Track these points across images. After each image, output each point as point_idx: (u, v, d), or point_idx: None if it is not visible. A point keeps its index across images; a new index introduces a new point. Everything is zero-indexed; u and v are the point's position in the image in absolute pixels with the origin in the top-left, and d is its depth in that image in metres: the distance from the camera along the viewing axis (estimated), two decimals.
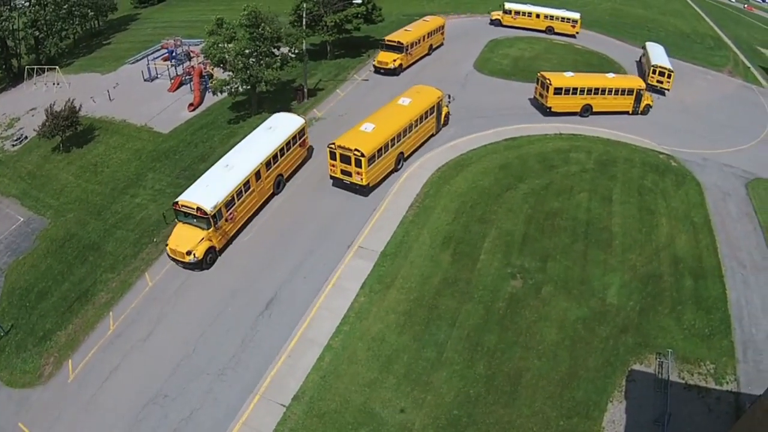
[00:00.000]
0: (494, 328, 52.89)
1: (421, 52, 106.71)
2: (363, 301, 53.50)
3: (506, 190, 70.21)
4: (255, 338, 50.50)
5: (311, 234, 62.06)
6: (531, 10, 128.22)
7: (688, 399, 50.90)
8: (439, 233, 62.01)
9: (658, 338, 55.81)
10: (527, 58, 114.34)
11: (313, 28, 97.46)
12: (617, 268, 62.99)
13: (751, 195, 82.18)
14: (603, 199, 73.27)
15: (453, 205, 66.42)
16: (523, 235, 63.60)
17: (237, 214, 58.35)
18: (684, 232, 70.22)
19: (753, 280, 65.33)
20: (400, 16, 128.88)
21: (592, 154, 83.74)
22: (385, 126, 68.16)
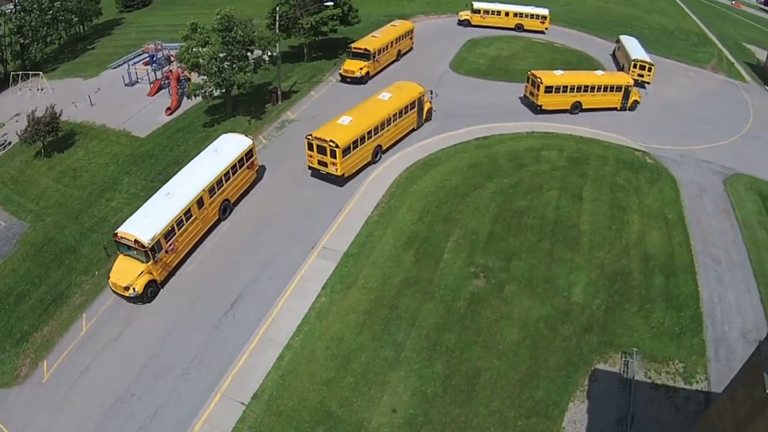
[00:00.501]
0: (454, 327, 52.13)
1: (389, 59, 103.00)
2: (324, 301, 53.09)
3: (474, 189, 69.28)
4: (219, 338, 50.21)
5: (278, 236, 61.19)
6: (500, 8, 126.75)
7: (654, 399, 49.42)
8: (402, 233, 61.40)
9: (624, 337, 54.31)
10: (504, 57, 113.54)
11: (289, 31, 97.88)
12: (584, 266, 61.58)
13: (729, 191, 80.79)
14: (573, 197, 71.92)
15: (419, 205, 65.75)
16: (489, 234, 62.65)
17: (178, 245, 55.76)
18: (656, 229, 68.71)
19: (728, 277, 63.88)
20: (380, 17, 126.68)
21: (564, 152, 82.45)
22: (362, 119, 69.66)
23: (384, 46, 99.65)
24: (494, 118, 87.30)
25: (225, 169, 61.55)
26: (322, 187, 68.55)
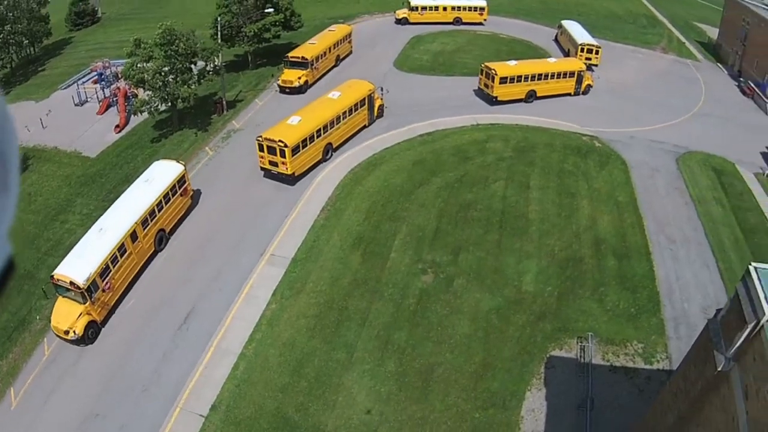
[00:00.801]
0: (404, 325, 53.54)
1: (328, 65, 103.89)
2: (274, 308, 54.51)
3: (419, 186, 71.26)
4: (175, 352, 51.32)
5: (226, 246, 62.65)
6: (437, 3, 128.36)
7: (614, 381, 51.55)
8: (349, 235, 63.16)
9: (579, 322, 56.58)
10: (448, 52, 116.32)
11: (232, 40, 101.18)
12: (534, 254, 63.86)
13: (681, 169, 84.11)
14: (520, 187, 74.35)
15: (364, 206, 67.57)
16: (435, 230, 64.51)
17: (115, 282, 55.38)
18: (607, 212, 71.39)
19: (683, 255, 66.64)
20: (324, 20, 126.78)
21: (510, 142, 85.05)
22: (311, 118, 73.00)
23: (322, 52, 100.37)
24: (438, 113, 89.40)
25: (157, 198, 61.37)
26: (267, 194, 70.14)
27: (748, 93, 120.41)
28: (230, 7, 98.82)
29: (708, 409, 28.39)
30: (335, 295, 56.15)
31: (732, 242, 69.75)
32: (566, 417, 48.78)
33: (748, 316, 25.04)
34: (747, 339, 25.19)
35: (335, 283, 57.44)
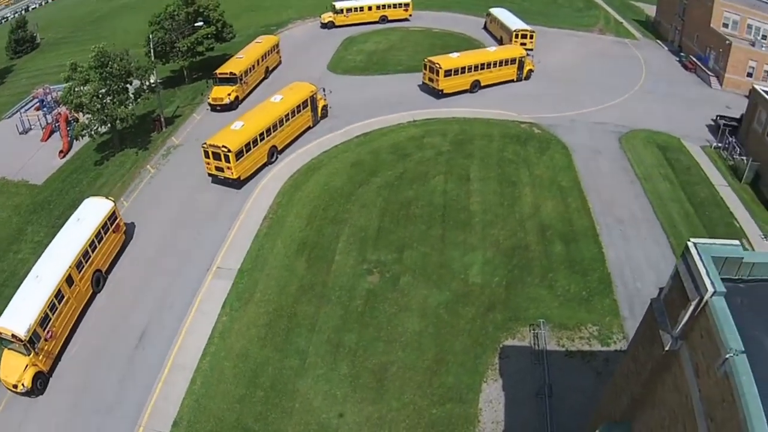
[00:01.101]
0: (354, 326, 55.16)
1: (257, 78, 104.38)
2: (225, 320, 55.94)
3: (359, 187, 73.12)
4: (133, 372, 52.12)
5: (172, 263, 63.94)
6: (362, 3, 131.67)
7: (571, 366, 52.63)
8: (293, 241, 64.82)
9: (530, 310, 57.58)
10: (382, 51, 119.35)
11: (167, 56, 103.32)
12: (478, 246, 64.93)
13: (625, 148, 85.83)
14: (460, 179, 75.47)
15: (305, 211, 69.34)
16: (378, 229, 66.34)
17: (56, 330, 54.32)
18: (550, 198, 72.66)
19: (633, 234, 68.07)
20: (258, 29, 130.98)
21: (448, 135, 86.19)
22: (253, 123, 76.97)
23: (250, 66, 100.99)
24: (375, 112, 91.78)
25: (89, 239, 60.81)
26: (210, 208, 71.66)
27: (690, 67, 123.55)
28: (162, 24, 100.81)
29: (661, 390, 28.84)
30: (283, 302, 57.52)
31: (682, 217, 71.23)
32: (525, 406, 49.50)
33: (690, 293, 25.31)
34: (692, 316, 25.51)
35: (282, 290, 58.80)
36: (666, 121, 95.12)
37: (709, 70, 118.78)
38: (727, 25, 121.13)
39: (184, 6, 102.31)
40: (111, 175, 79.96)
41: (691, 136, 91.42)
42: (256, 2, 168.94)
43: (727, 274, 26.22)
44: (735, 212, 73.49)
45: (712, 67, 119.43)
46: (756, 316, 25.62)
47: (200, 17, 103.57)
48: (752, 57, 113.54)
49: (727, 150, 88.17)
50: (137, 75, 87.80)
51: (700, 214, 72.12)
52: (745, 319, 24.67)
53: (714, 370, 23.34)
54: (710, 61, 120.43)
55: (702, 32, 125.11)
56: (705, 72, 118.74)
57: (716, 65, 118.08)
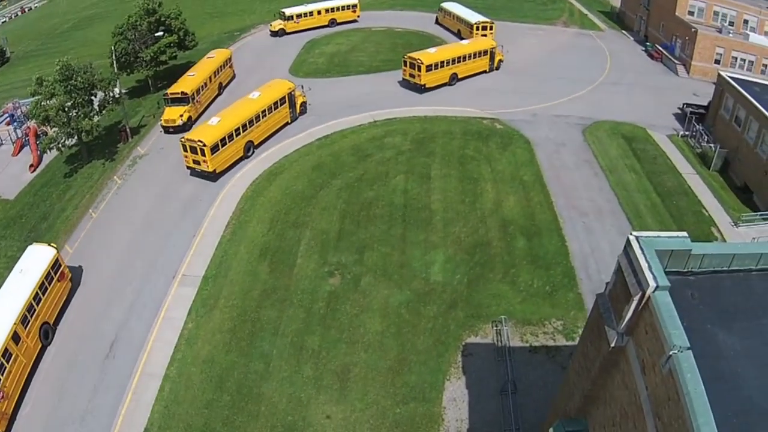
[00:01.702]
0: (316, 329, 55.54)
1: (210, 95, 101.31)
2: (191, 327, 56.41)
3: (320, 190, 73.39)
4: (105, 381, 52.38)
5: (140, 271, 64.06)
6: (311, 8, 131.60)
7: (535, 362, 52.66)
8: (255, 246, 65.24)
9: (492, 306, 57.60)
10: (343, 53, 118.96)
11: (131, 66, 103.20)
12: (439, 244, 64.94)
13: (588, 140, 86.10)
14: (421, 178, 75.53)
15: (267, 216, 69.65)
16: (339, 232, 66.62)
17: (7, 390, 51.89)
18: (512, 193, 72.74)
19: (597, 226, 68.24)
20: (221, 35, 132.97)
21: (409, 135, 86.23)
22: (229, 118, 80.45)
23: (202, 83, 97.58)
24: (336, 114, 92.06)
25: (33, 291, 58.14)
26: (174, 216, 71.85)
27: (656, 57, 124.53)
28: (125, 34, 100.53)
29: (611, 387, 28.90)
30: (247, 307, 58.10)
31: (649, 208, 71.49)
32: (489, 403, 49.57)
33: (632, 289, 25.13)
34: (635, 312, 25.39)
35: (246, 295, 59.37)
36: (632, 111, 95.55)
37: (675, 59, 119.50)
38: (693, 12, 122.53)
39: (146, 16, 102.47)
40: (80, 187, 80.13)
41: (658, 125, 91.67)
42: (220, 9, 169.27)
43: (675, 267, 26.26)
44: (703, 200, 73.77)
45: (678, 55, 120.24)
46: (708, 310, 25.58)
47: (162, 26, 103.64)
48: (719, 44, 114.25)
49: (694, 138, 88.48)
50: (101, 87, 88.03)
51: (667, 204, 72.29)
52: (697, 313, 24.87)
53: (659, 367, 23.26)
54: (676, 49, 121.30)
55: (667, 21, 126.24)
56: (671, 61, 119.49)
57: (683, 53, 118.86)
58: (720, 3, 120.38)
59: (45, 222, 73.46)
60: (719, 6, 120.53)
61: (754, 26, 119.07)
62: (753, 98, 78.04)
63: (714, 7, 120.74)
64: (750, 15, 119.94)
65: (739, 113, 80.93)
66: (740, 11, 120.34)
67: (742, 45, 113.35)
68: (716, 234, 67.08)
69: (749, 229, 68.04)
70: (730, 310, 25.83)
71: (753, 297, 26.61)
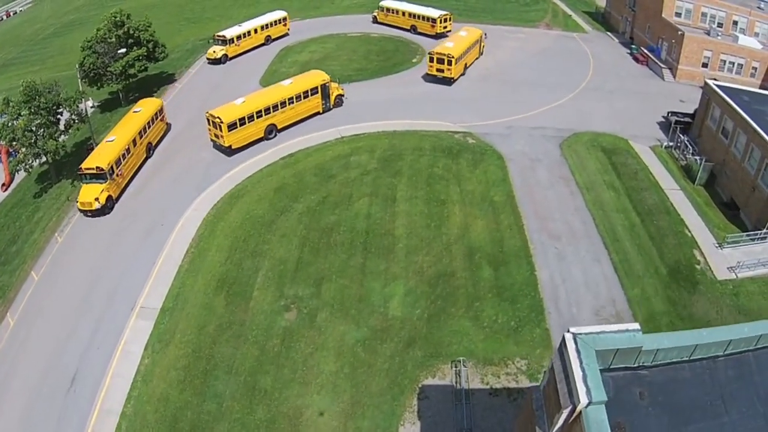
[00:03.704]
0: (270, 368, 54.00)
1: (136, 161, 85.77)
2: (147, 362, 55.36)
3: (281, 214, 71.82)
4: (67, 415, 51.70)
5: (100, 301, 62.91)
6: (247, 28, 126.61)
7: (495, 406, 50.30)
8: (213, 277, 63.79)
9: (453, 345, 55.24)
10: (316, 61, 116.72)
11: (100, 80, 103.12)
12: (400, 275, 62.61)
13: (566, 155, 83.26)
14: (385, 201, 73.25)
15: (226, 243, 68.17)
16: (297, 261, 64.96)
17: None
18: (481, 216, 70.18)
19: (571, 252, 65.53)
20: (196, 42, 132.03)
21: (376, 152, 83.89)
22: (254, 101, 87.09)
23: (124, 151, 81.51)
24: (302, 129, 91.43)
25: None
26: (136, 241, 70.74)
27: (642, 60, 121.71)
28: (94, 48, 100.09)
29: None
30: (202, 343, 56.75)
31: (627, 229, 68.86)
32: None
33: (563, 399, 22.95)
34: (566, 424, 23.25)
35: (201, 330, 57.99)
36: (614, 120, 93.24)
37: (661, 62, 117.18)
38: (680, 14, 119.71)
39: (114, 29, 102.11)
40: (47, 209, 79.80)
41: (640, 135, 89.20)
42: (198, 14, 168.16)
43: (623, 363, 23.97)
44: (686, 219, 71.34)
45: (664, 58, 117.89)
46: (659, 412, 23.28)
47: (131, 38, 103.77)
48: (707, 47, 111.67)
49: (679, 149, 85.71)
50: (67, 106, 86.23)
51: (647, 224, 69.73)
52: (644, 416, 22.73)
53: None
54: (662, 52, 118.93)
55: (654, 23, 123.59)
56: (657, 64, 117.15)
57: (669, 57, 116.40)
58: (708, 3, 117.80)
59: (14, 245, 72.77)
60: (707, 7, 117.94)
61: (743, 28, 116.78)
62: (741, 109, 75.53)
63: (702, 8, 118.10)
64: (739, 16, 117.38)
65: (726, 125, 78.44)
66: (729, 12, 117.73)
67: (731, 48, 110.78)
68: (698, 257, 64.93)
69: (734, 251, 65.98)
70: (686, 410, 23.46)
71: (715, 389, 24.27)
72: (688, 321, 56.64)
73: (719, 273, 63.12)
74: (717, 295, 60.26)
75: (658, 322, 56.59)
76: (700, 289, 60.83)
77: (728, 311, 58.22)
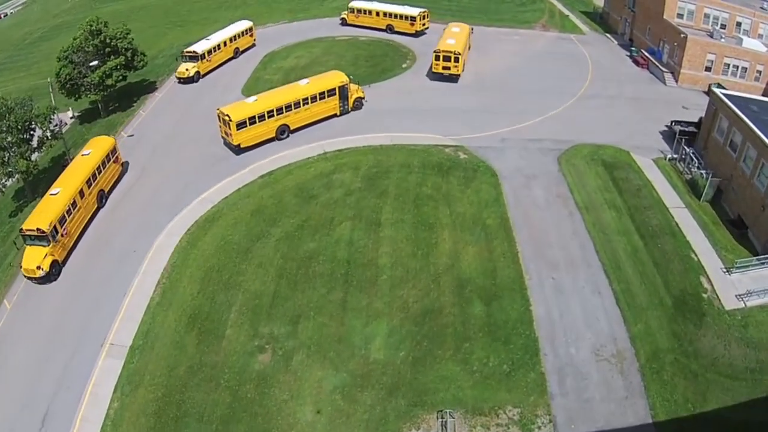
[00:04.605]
0: (243, 416, 50.39)
1: (85, 215, 74.19)
2: (116, 406, 52.15)
3: (257, 241, 67.63)
4: None
5: (69, 337, 58.86)
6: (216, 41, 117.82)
7: None
8: (184, 312, 59.88)
9: (440, 392, 51.03)
10: (302, 67, 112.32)
11: (78, 91, 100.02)
12: (383, 311, 58.18)
13: (564, 170, 78.58)
14: (369, 225, 68.73)
15: (199, 273, 64.05)
16: (273, 295, 60.80)
17: None
18: (472, 243, 65.64)
19: (569, 283, 61.03)
20: (180, 47, 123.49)
21: (360, 169, 79.22)
22: (266, 100, 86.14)
23: (69, 204, 70.24)
24: (283, 144, 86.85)
25: None
26: (108, 269, 66.41)
27: (642, 63, 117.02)
28: (70, 58, 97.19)
29: None
30: (172, 386, 53.24)
31: (629, 254, 64.33)
32: None
33: None
34: None
35: (172, 372, 54.48)
36: (614, 130, 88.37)
37: (663, 66, 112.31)
38: (682, 15, 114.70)
39: (91, 38, 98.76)
40: None
41: (643, 147, 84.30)
42: (184, 17, 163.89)
43: None
44: (692, 240, 66.55)
45: (666, 62, 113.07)
46: None
47: (108, 47, 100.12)
48: (710, 50, 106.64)
49: (683, 162, 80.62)
50: (39, 122, 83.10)
51: (650, 248, 64.99)
52: None
53: None
54: (664, 55, 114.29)
55: (654, 24, 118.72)
56: (658, 68, 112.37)
57: (671, 60, 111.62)
58: (711, 4, 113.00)
59: None
60: (710, 8, 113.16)
61: (747, 29, 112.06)
62: (751, 121, 70.66)
63: (705, 9, 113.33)
64: (743, 17, 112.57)
65: (735, 137, 73.49)
66: (733, 13, 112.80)
67: (735, 51, 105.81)
68: (705, 285, 60.41)
69: (743, 276, 61.45)
70: None
71: None
72: (693, 358, 53.31)
73: (727, 302, 58.74)
74: (724, 327, 56.11)
75: (662, 360, 53.10)
76: (706, 321, 56.65)
77: (736, 344, 54.43)
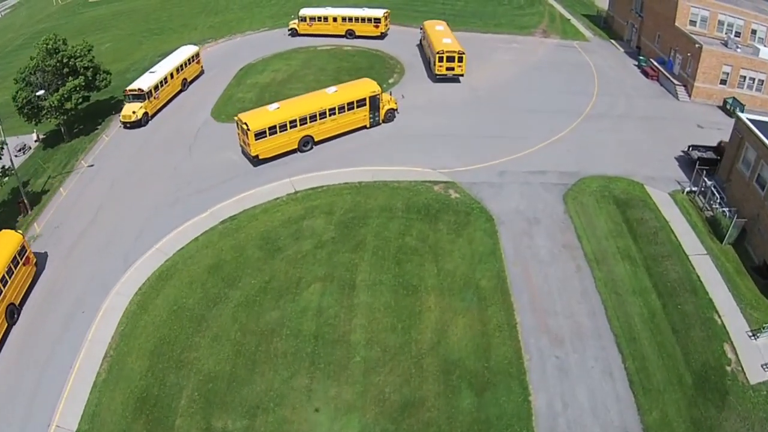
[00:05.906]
0: None
1: None
2: None
3: (213, 306, 59.17)
4: None
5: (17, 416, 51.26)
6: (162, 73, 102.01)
7: None
8: (132, 394, 52.08)
9: None
10: (279, 82, 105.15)
11: (37, 115, 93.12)
12: (355, 404, 49.34)
13: (571, 212, 69.40)
14: (342, 288, 59.79)
15: (149, 346, 56.15)
16: (229, 378, 52.41)
17: None
18: (462, 312, 56.72)
19: (575, 362, 52.25)
20: (155, 58, 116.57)
21: (335, 214, 69.95)
22: (289, 109, 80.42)
23: None
24: (249, 182, 76.98)
25: None
26: (55, 333, 58.48)
27: (652, 75, 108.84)
28: (28, 80, 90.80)
29: None
30: None
31: (646, 320, 55.61)
32: None
33: None
34: None
35: None
36: (625, 156, 79.74)
37: (674, 78, 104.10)
38: (695, 22, 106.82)
39: (48, 57, 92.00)
40: None
41: (657, 177, 75.61)
42: (163, 24, 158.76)
43: None
44: (715, 298, 57.88)
45: (678, 73, 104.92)
46: None
47: (66, 67, 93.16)
48: (726, 61, 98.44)
49: (703, 195, 71.87)
50: None
51: (669, 310, 56.46)
52: None
53: None
54: (675, 66, 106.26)
55: (665, 31, 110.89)
56: (670, 80, 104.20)
57: (683, 72, 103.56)
58: (725, 11, 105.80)
59: None
60: (725, 14, 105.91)
61: (762, 37, 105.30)
62: None
63: (719, 16, 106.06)
64: (759, 24, 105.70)
65: (764, 172, 64.83)
66: (748, 20, 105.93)
67: (753, 62, 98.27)
68: (729, 354, 52.63)
69: None
70: None
71: None
72: None
73: (752, 374, 51.06)
74: (749, 407, 48.41)
75: None
76: (729, 401, 48.85)
77: (760, 426, 46.76)
